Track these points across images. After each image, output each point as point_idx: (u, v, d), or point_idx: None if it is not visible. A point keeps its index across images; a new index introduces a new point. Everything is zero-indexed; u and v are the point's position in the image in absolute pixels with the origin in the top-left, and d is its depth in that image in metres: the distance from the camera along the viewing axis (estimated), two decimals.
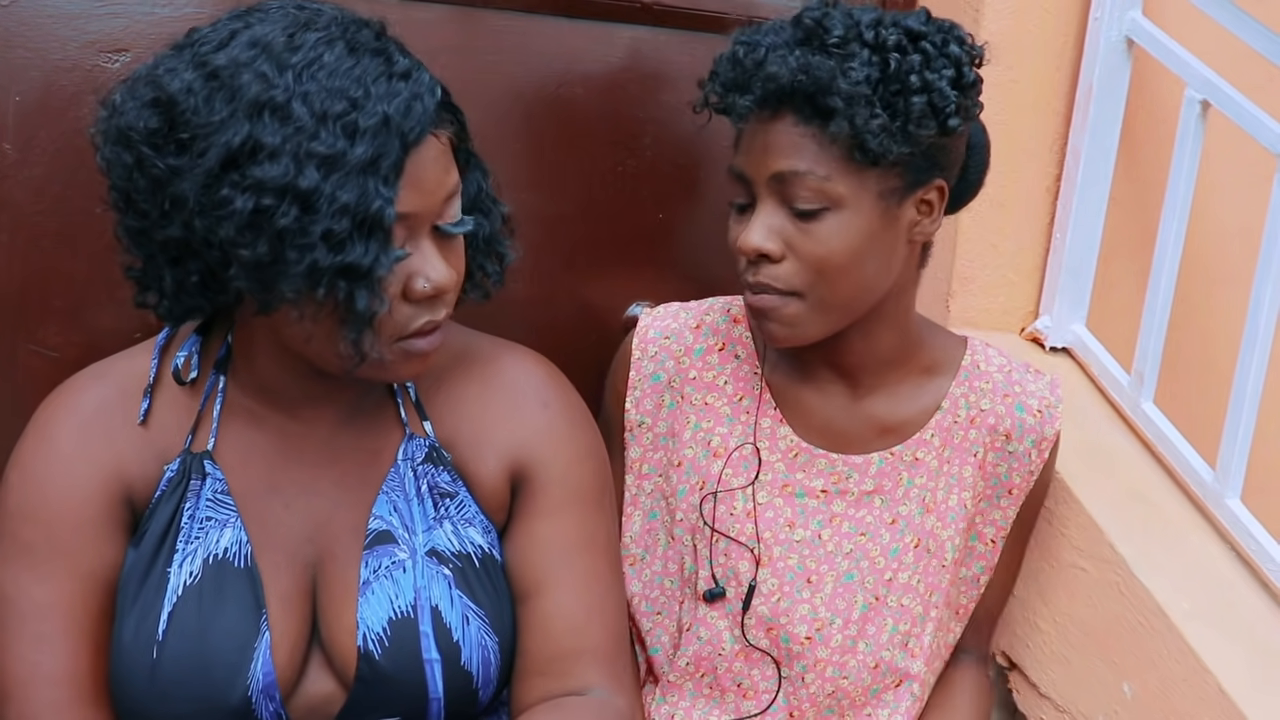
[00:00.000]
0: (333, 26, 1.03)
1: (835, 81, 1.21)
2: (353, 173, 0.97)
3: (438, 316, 1.08)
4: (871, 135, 1.22)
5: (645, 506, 1.45)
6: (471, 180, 1.14)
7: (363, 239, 0.98)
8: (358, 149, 0.97)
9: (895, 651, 1.40)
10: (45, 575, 1.10)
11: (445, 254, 1.07)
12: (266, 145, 0.97)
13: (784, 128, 1.25)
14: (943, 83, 1.24)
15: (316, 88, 0.98)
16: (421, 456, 1.18)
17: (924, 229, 1.32)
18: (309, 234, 0.97)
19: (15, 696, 1.10)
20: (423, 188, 1.03)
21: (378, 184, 0.98)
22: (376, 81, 1.00)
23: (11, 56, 1.38)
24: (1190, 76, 1.56)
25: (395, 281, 1.04)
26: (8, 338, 1.44)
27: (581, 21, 1.62)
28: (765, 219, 1.27)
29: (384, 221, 0.99)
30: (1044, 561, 1.55)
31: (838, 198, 1.25)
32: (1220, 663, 1.33)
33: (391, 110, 0.99)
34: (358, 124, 0.98)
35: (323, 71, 0.99)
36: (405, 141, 1.00)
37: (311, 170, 0.96)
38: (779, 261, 1.27)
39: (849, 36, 1.24)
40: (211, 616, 1.10)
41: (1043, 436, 1.43)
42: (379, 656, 1.11)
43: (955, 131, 1.27)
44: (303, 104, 0.97)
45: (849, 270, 1.27)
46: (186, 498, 1.13)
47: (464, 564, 1.15)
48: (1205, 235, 1.78)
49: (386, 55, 1.03)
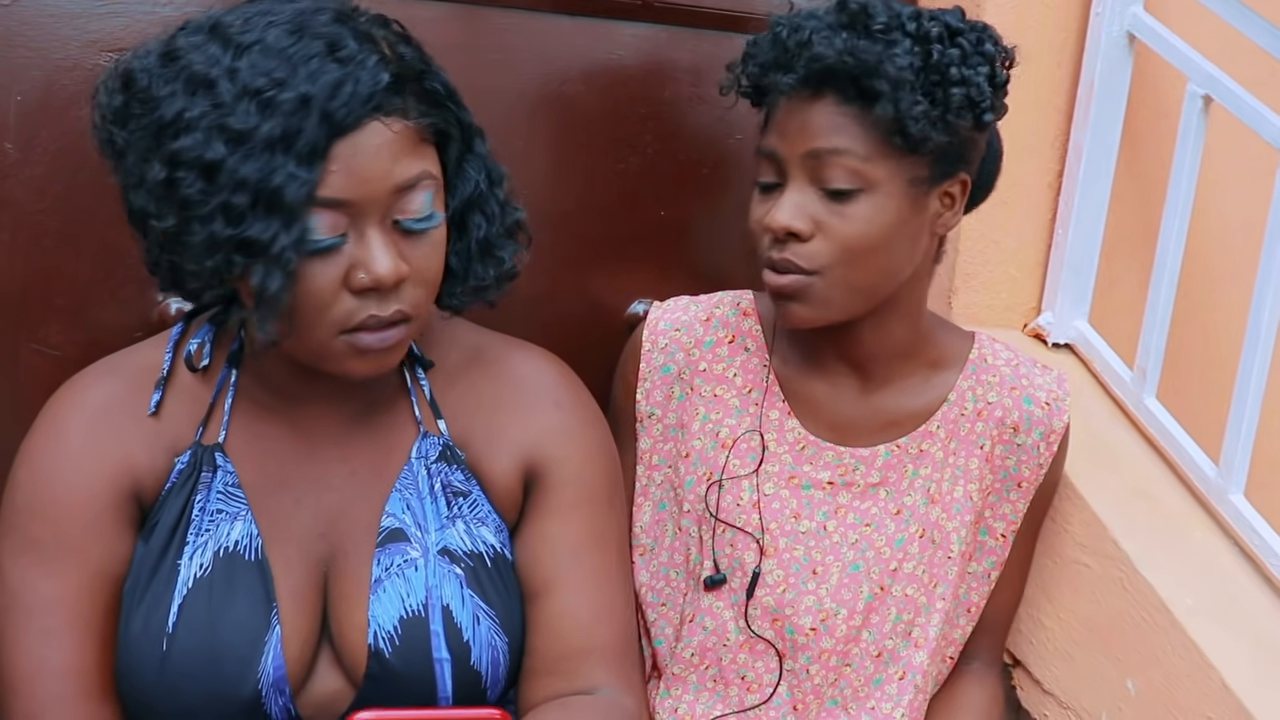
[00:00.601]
0: (297, 13, 1.02)
1: (882, 65, 1.24)
2: (260, 148, 0.97)
3: (384, 312, 1.05)
4: (914, 121, 1.24)
5: (655, 497, 1.46)
6: (468, 179, 1.12)
7: (263, 215, 0.98)
8: (267, 125, 0.97)
9: (898, 640, 1.41)
10: (52, 570, 1.10)
11: (404, 249, 1.05)
12: (186, 119, 0.98)
13: (825, 107, 1.27)
14: (980, 78, 1.27)
15: (247, 65, 0.98)
16: (435, 455, 1.18)
17: (945, 221, 1.34)
18: (208, 205, 0.98)
19: (22, 691, 1.10)
20: (359, 175, 1.01)
21: (288, 162, 0.97)
22: (309, 61, 0.99)
23: (13, 56, 1.38)
24: (1192, 71, 1.55)
25: (335, 269, 1.02)
26: (9, 336, 1.44)
27: (583, 19, 1.62)
28: (795, 197, 1.28)
29: (284, 198, 0.97)
30: (1047, 558, 1.55)
31: (873, 180, 1.27)
32: (1224, 658, 1.33)
33: (315, 90, 0.98)
34: (274, 101, 0.97)
35: (258, 50, 0.99)
36: (331, 123, 0.99)
37: (219, 144, 0.97)
38: (807, 240, 1.28)
39: (892, 25, 1.27)
40: (222, 609, 1.10)
41: (1051, 429, 1.43)
42: (389, 655, 1.11)
43: (988, 126, 1.30)
44: (229, 81, 0.98)
45: (875, 254, 1.29)
46: (197, 490, 1.13)
47: (476, 563, 1.15)
48: (1207, 230, 1.78)
49: (332, 39, 1.00)
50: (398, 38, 1.08)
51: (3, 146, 1.39)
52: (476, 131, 1.13)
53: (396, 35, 1.08)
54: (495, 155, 1.18)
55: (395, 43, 1.07)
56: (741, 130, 1.65)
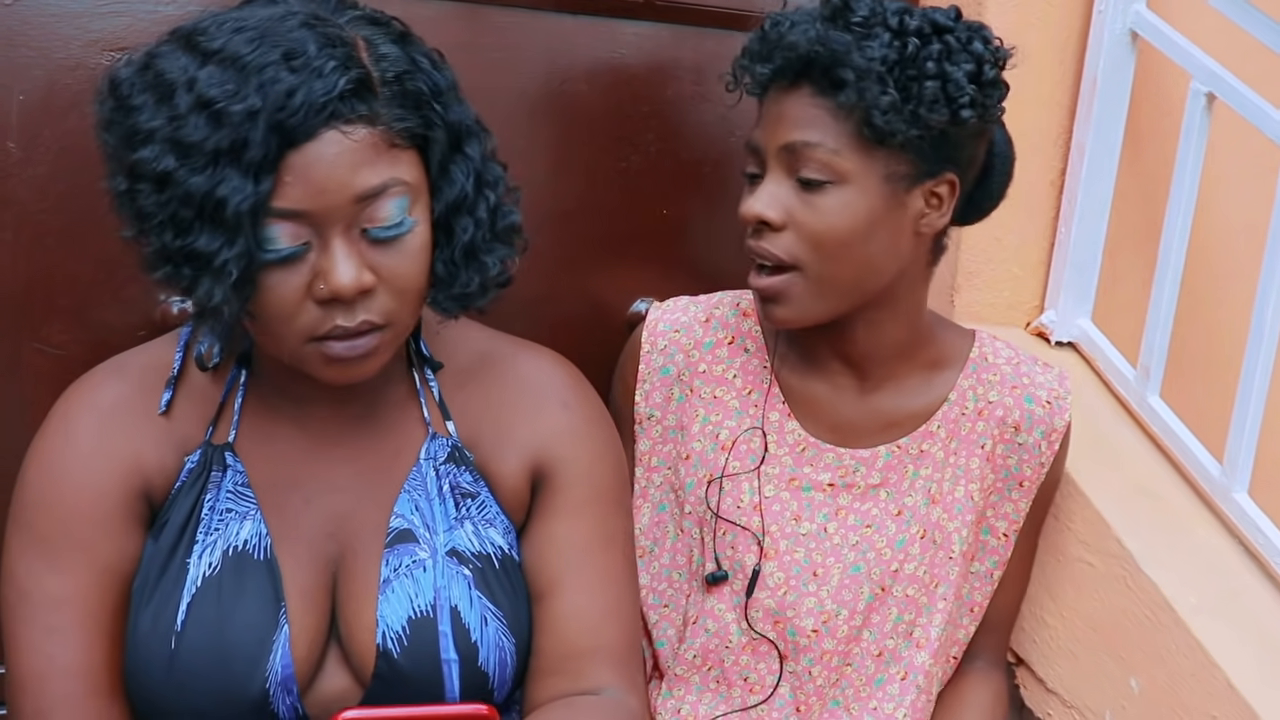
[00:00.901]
0: (266, 19, 1.01)
1: (850, 55, 1.24)
2: (207, 161, 0.97)
3: (350, 323, 1.03)
4: (879, 111, 1.24)
5: (654, 499, 1.45)
6: (454, 182, 1.09)
7: (209, 228, 0.98)
8: (216, 137, 0.97)
9: (900, 640, 1.41)
10: (61, 569, 1.10)
11: (374, 258, 1.03)
12: (146, 129, 0.99)
13: (799, 99, 1.28)
14: (959, 74, 1.26)
15: (205, 75, 0.98)
16: (444, 456, 1.18)
17: (931, 221, 1.33)
18: (159, 216, 0.99)
19: (30, 689, 1.10)
20: (315, 185, 0.99)
21: (234, 175, 0.97)
22: (263, 70, 0.97)
23: (15, 55, 1.38)
24: (1195, 69, 1.55)
25: (298, 278, 1.02)
26: (13, 336, 1.43)
27: (584, 17, 1.62)
28: (770, 187, 1.30)
29: (228, 212, 0.97)
30: (1050, 556, 1.55)
31: (843, 172, 1.27)
32: (1228, 657, 1.33)
33: (265, 101, 0.97)
34: (224, 113, 0.96)
35: (217, 60, 0.99)
36: (281, 134, 0.97)
37: (170, 156, 0.97)
38: (779, 230, 1.29)
39: (873, 19, 1.27)
40: (231, 608, 1.10)
41: (1052, 428, 1.43)
42: (398, 655, 1.11)
43: (966, 123, 1.28)
44: (187, 92, 0.98)
45: (847, 248, 1.29)
46: (207, 489, 1.13)
47: (484, 565, 1.15)
48: (1211, 229, 1.77)
49: (290, 47, 0.98)
50: (387, 37, 1.05)
51: (5, 146, 1.39)
52: (469, 132, 1.10)
53: (386, 34, 1.06)
54: (498, 154, 1.16)
55: (380, 42, 1.04)
56: (743, 129, 1.64)
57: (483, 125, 1.14)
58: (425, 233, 1.07)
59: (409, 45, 1.07)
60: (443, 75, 1.08)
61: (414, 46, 1.08)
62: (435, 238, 1.09)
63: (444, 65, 1.10)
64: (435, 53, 1.10)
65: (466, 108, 1.11)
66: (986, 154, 1.37)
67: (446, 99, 1.07)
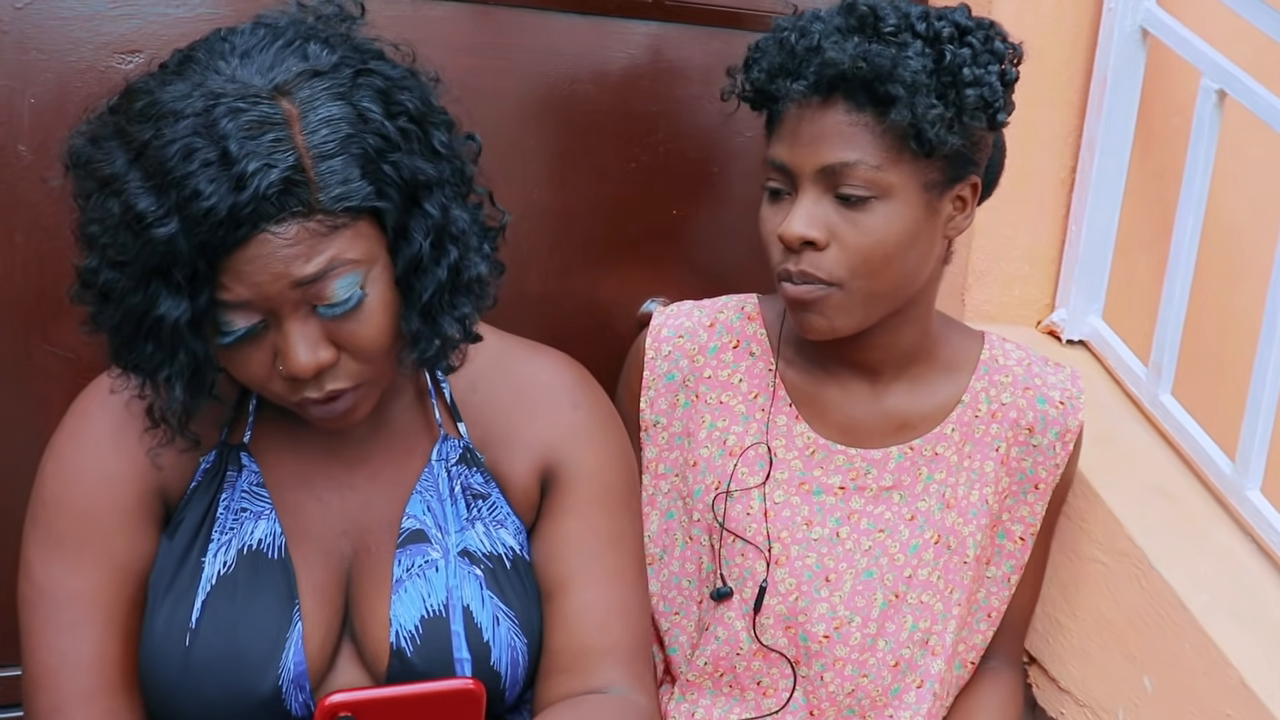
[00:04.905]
0: (200, 109, 0.94)
1: (896, 70, 1.21)
2: (139, 280, 0.97)
3: (318, 394, 1.02)
4: (930, 125, 1.21)
5: (662, 506, 1.44)
6: (412, 241, 1.02)
7: (149, 339, 0.99)
8: (144, 257, 0.95)
9: (915, 649, 1.40)
10: (77, 565, 1.11)
11: (332, 331, 1.01)
12: (86, 236, 0.99)
13: (835, 116, 1.24)
14: (992, 77, 1.25)
15: (133, 181, 0.95)
16: (455, 457, 1.18)
17: (958, 224, 1.33)
18: (109, 321, 1.01)
19: (44, 685, 1.10)
20: (252, 281, 0.97)
21: (167, 293, 0.96)
22: (184, 183, 0.93)
23: (26, 59, 1.39)
24: (1206, 66, 1.55)
25: (263, 352, 1.01)
26: (23, 338, 1.44)
27: (594, 17, 1.62)
28: (809, 206, 1.26)
29: (165, 327, 0.97)
30: (1063, 556, 1.54)
31: (887, 187, 1.24)
32: (1241, 655, 1.33)
33: (184, 223, 0.93)
34: (148, 234, 0.94)
35: (142, 162, 0.95)
36: (208, 249, 0.94)
37: (108, 270, 0.98)
38: (823, 250, 1.26)
39: (902, 26, 1.24)
40: (245, 606, 1.10)
41: (1066, 429, 1.42)
42: (410, 654, 1.11)
43: (1001, 126, 1.28)
44: (117, 197, 0.96)
45: (893, 261, 1.26)
46: (223, 489, 1.14)
47: (495, 565, 1.16)
48: (1222, 226, 1.77)
49: (211, 150, 0.93)
50: (332, 90, 0.98)
51: (16, 149, 1.40)
52: (426, 185, 1.02)
53: (332, 87, 0.98)
54: (505, 154, 1.15)
55: (321, 105, 0.97)
56: (752, 128, 1.65)
57: (468, 139, 1.09)
58: (385, 293, 1.03)
59: (359, 92, 0.99)
60: (394, 123, 1.00)
61: (365, 91, 0.99)
62: (400, 294, 1.05)
63: (415, 87, 1.04)
64: (408, 72, 1.04)
65: (432, 146, 1.03)
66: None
67: (401, 151, 1.00)
